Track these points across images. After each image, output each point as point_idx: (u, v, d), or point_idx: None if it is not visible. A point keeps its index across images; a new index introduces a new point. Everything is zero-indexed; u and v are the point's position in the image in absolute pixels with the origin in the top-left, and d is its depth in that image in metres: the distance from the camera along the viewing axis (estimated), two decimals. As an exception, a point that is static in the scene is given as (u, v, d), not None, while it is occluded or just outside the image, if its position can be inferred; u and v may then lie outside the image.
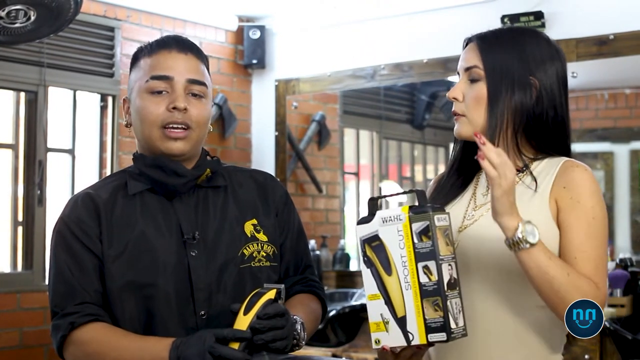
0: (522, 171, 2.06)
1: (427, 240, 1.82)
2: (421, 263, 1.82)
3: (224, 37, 5.92)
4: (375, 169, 6.51)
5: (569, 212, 1.96)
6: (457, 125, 2.10)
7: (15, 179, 4.91)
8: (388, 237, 1.87)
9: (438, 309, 1.80)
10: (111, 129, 5.24)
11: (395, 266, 1.85)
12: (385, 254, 1.87)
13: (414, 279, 1.83)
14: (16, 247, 4.90)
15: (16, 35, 3.63)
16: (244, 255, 2.09)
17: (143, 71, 2.10)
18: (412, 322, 1.83)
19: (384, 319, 1.88)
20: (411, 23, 5.33)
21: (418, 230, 1.83)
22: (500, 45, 2.06)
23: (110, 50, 5.23)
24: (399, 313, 1.85)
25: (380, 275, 1.88)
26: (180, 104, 2.04)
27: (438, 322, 1.81)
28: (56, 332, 2.01)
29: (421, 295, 1.82)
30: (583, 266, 1.92)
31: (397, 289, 1.85)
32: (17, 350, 4.70)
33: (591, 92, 5.85)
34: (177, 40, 2.13)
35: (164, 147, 2.06)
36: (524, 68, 2.03)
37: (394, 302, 1.86)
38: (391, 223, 1.86)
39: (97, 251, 2.04)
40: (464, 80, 2.09)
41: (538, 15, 4.69)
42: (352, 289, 5.58)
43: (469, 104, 2.06)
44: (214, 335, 1.83)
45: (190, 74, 2.09)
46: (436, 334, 1.81)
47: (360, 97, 6.21)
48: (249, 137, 6.06)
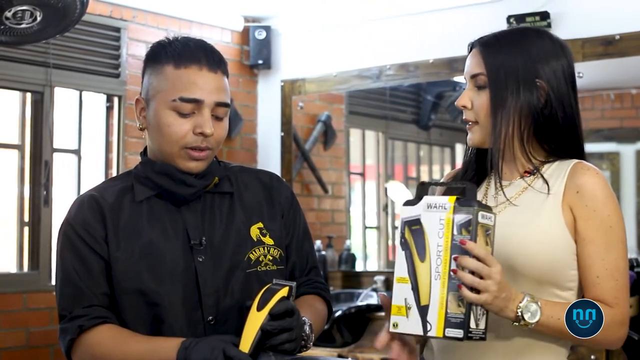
0: (532, 174, 2.04)
1: (466, 234, 1.78)
2: (455, 255, 1.79)
3: (229, 38, 5.92)
4: (381, 170, 6.51)
5: (585, 221, 1.95)
6: (470, 134, 2.08)
7: (22, 180, 4.92)
8: (429, 223, 1.82)
9: (461, 305, 1.77)
10: (117, 129, 5.25)
11: (430, 253, 1.81)
12: (422, 240, 1.83)
13: (445, 270, 1.79)
14: (22, 248, 4.91)
15: (22, 35, 3.63)
16: (250, 259, 2.08)
17: (169, 83, 2.01)
18: (433, 313, 1.79)
19: (407, 303, 1.83)
20: (417, 23, 5.33)
21: (460, 222, 1.79)
22: (502, 48, 2.03)
23: (116, 51, 5.24)
24: (423, 301, 1.80)
25: (413, 259, 1.83)
26: (208, 131, 2.00)
27: (458, 318, 1.77)
28: (64, 335, 2.00)
29: (448, 288, 1.78)
30: (605, 285, 1.94)
31: (426, 277, 1.81)
32: (23, 351, 4.71)
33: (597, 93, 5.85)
34: (207, 54, 2.04)
35: (183, 165, 2.04)
36: (529, 69, 2.00)
37: (421, 290, 1.81)
38: (435, 210, 1.82)
39: (104, 253, 2.03)
40: (470, 87, 2.06)
41: (544, 15, 4.69)
42: (358, 289, 5.57)
43: (478, 113, 2.04)
44: (222, 352, 1.81)
45: (218, 96, 2.02)
46: (454, 329, 1.78)
47: (366, 97, 6.21)
48: (254, 138, 6.06)
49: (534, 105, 2.00)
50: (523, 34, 2.07)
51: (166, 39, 2.09)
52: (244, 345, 1.83)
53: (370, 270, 6.06)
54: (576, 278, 1.99)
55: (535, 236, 1.93)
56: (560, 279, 1.96)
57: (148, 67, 2.09)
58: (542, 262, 1.93)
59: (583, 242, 1.95)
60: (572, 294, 1.99)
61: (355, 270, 5.89)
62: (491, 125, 2.02)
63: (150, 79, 2.07)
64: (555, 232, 1.95)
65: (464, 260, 1.77)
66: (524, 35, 2.06)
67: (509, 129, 2.01)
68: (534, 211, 1.95)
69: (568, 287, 1.98)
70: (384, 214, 6.42)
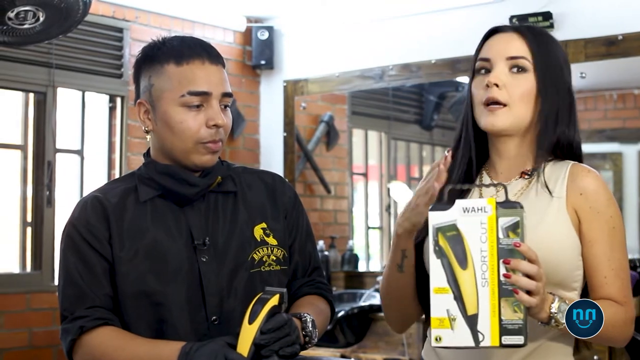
0: (530, 175, 2.04)
1: (513, 237, 1.71)
2: (507, 259, 1.72)
3: (232, 38, 5.92)
4: (384, 170, 6.51)
5: (590, 223, 1.96)
6: (492, 116, 1.99)
7: (24, 180, 4.92)
8: (468, 228, 1.73)
9: (518, 311, 1.70)
10: (120, 129, 5.25)
11: (473, 260, 1.72)
12: (462, 246, 1.73)
13: (494, 275, 1.71)
14: (25, 248, 4.91)
15: (25, 36, 3.63)
16: (254, 259, 2.08)
17: (175, 81, 2.03)
18: (484, 322, 1.71)
19: (450, 315, 1.72)
20: (419, 24, 5.33)
21: (505, 225, 1.71)
22: (546, 45, 2.02)
23: (119, 51, 5.24)
24: (470, 311, 1.71)
25: (453, 267, 1.73)
26: (220, 122, 2.02)
27: (516, 325, 1.70)
28: (66, 335, 2.01)
29: (499, 294, 1.71)
30: (613, 284, 1.96)
31: (471, 285, 1.72)
32: (26, 351, 4.71)
33: (600, 93, 5.85)
34: (205, 49, 2.07)
35: (198, 160, 2.05)
36: (563, 75, 2.03)
37: (466, 299, 1.72)
38: (473, 214, 1.73)
39: (107, 254, 2.03)
40: (503, 68, 2.00)
41: (547, 15, 4.68)
42: (361, 289, 5.57)
43: (513, 96, 1.99)
44: (224, 356, 1.82)
45: (224, 87, 2.06)
46: (512, 336, 1.70)
47: (368, 97, 6.21)
48: (257, 138, 6.06)
49: (563, 107, 2.02)
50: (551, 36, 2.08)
51: (158, 40, 2.10)
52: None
53: (372, 270, 6.05)
54: (581, 278, 1.99)
55: (544, 238, 1.92)
56: (567, 280, 1.97)
57: (145, 69, 2.09)
58: (552, 264, 1.91)
59: (589, 244, 1.96)
60: (576, 294, 1.99)
61: (357, 271, 5.89)
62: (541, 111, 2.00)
63: (150, 81, 2.07)
64: (563, 233, 1.95)
65: (520, 264, 1.71)
66: (553, 38, 2.07)
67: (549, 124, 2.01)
68: (539, 213, 1.95)
69: (573, 288, 1.99)
70: (387, 214, 6.41)
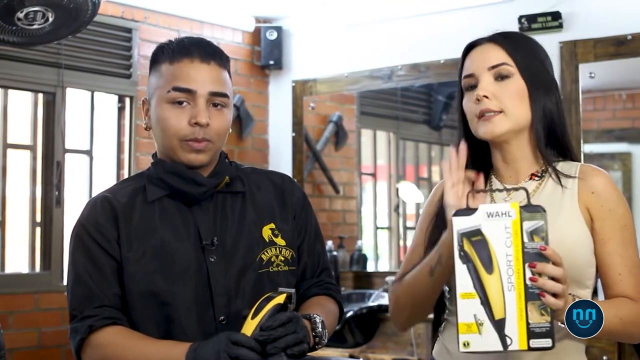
0: (539, 177, 2.06)
1: (538, 240, 1.73)
2: (533, 263, 1.74)
3: (241, 38, 5.93)
4: (392, 170, 6.50)
5: (602, 221, 1.99)
6: (489, 124, 2.01)
7: (34, 180, 4.94)
8: (493, 232, 1.75)
9: (545, 314, 1.72)
10: (129, 130, 5.26)
11: (499, 264, 1.74)
12: (487, 251, 1.75)
13: (520, 279, 1.73)
14: (34, 248, 4.92)
15: (34, 36, 3.64)
16: (262, 260, 2.09)
17: (164, 79, 2.07)
18: (512, 326, 1.73)
19: (477, 320, 1.74)
20: (428, 24, 5.33)
21: (530, 229, 1.74)
22: (524, 45, 2.06)
23: (128, 52, 5.25)
24: (497, 315, 1.73)
25: (479, 272, 1.75)
26: (202, 120, 2.02)
27: (544, 328, 1.72)
28: (74, 335, 2.01)
29: (526, 298, 1.72)
30: (627, 281, 1.97)
31: (497, 289, 1.74)
32: (35, 351, 4.72)
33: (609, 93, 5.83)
34: (199, 47, 2.08)
35: (184, 158, 2.05)
36: (547, 71, 2.05)
37: (492, 303, 1.74)
38: (498, 218, 1.75)
39: (116, 254, 2.04)
40: (488, 79, 2.02)
41: (555, 15, 4.68)
42: (370, 289, 5.57)
43: (504, 100, 2.00)
44: (229, 338, 1.83)
45: (213, 86, 2.05)
46: (540, 339, 1.72)
47: (377, 97, 6.20)
48: (266, 138, 6.07)
49: (553, 104, 2.04)
50: (530, 39, 2.11)
51: (166, 42, 2.14)
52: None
53: (381, 270, 6.05)
54: (594, 276, 2.02)
55: (559, 237, 1.92)
56: (581, 278, 1.99)
57: (150, 70, 2.15)
58: (567, 262, 1.91)
59: (602, 242, 1.99)
60: (589, 292, 2.02)
61: (366, 271, 5.88)
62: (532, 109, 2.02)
63: (150, 80, 2.13)
64: (577, 232, 1.97)
65: (546, 268, 1.73)
66: (531, 40, 2.11)
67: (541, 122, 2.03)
68: (554, 212, 1.95)
69: (586, 286, 2.01)
70: (396, 214, 6.40)
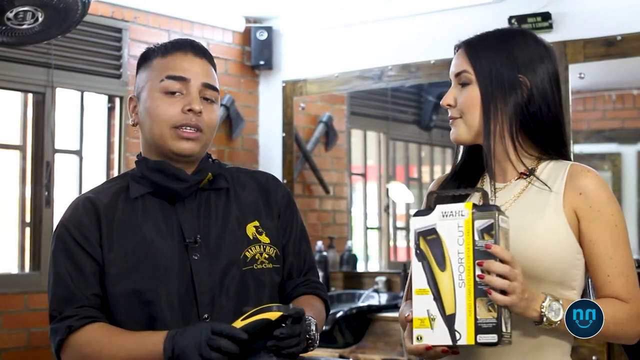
0: (528, 175, 2.05)
1: (489, 239, 1.77)
2: (480, 260, 1.77)
3: (231, 38, 5.92)
4: (383, 170, 6.50)
5: (590, 222, 1.97)
6: (453, 129, 2.08)
7: (23, 180, 4.92)
8: (446, 231, 1.81)
9: (492, 310, 1.76)
10: (119, 130, 5.25)
11: (451, 262, 1.79)
12: (440, 249, 1.81)
13: (470, 276, 1.77)
14: (24, 248, 4.91)
15: (24, 36, 3.64)
16: (247, 257, 2.09)
17: (157, 71, 2.10)
18: (461, 321, 1.77)
19: (430, 315, 1.80)
20: (418, 24, 5.33)
21: (480, 227, 1.78)
22: (487, 48, 2.05)
23: (118, 52, 5.24)
24: (448, 310, 1.79)
25: (432, 269, 1.81)
26: (196, 107, 2.05)
27: (490, 323, 1.76)
28: (54, 335, 2.03)
29: (475, 294, 1.77)
30: (616, 282, 1.96)
31: (449, 286, 1.79)
32: (24, 351, 4.71)
33: (599, 93, 5.85)
34: (192, 44, 2.14)
35: (175, 146, 2.06)
36: (512, 69, 2.03)
37: (444, 299, 1.79)
38: (452, 218, 1.81)
39: (97, 256, 2.04)
40: (454, 86, 2.08)
41: (545, 16, 4.68)
42: (360, 290, 5.57)
43: (462, 108, 2.05)
44: (211, 329, 1.83)
45: (205, 78, 2.10)
46: (487, 335, 1.76)
47: (367, 98, 6.20)
48: (256, 138, 6.06)
49: (519, 102, 2.02)
50: (508, 35, 2.10)
51: (154, 45, 2.18)
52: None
53: (371, 271, 6.05)
54: (579, 277, 2.00)
55: (540, 238, 1.94)
56: (564, 279, 1.98)
57: (139, 69, 2.17)
58: (547, 263, 1.94)
59: (590, 243, 1.97)
60: (576, 294, 2.00)
61: (356, 271, 5.88)
62: (482, 121, 2.03)
63: (140, 77, 2.15)
64: (559, 233, 1.96)
65: (492, 265, 1.76)
66: (508, 36, 2.09)
67: (499, 126, 2.02)
68: (536, 213, 1.96)
69: (572, 287, 1.99)
70: (386, 214, 6.41)
